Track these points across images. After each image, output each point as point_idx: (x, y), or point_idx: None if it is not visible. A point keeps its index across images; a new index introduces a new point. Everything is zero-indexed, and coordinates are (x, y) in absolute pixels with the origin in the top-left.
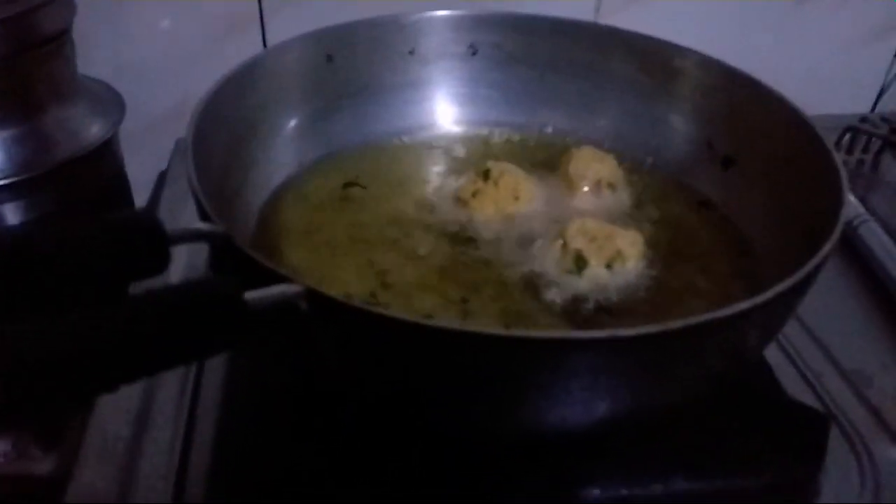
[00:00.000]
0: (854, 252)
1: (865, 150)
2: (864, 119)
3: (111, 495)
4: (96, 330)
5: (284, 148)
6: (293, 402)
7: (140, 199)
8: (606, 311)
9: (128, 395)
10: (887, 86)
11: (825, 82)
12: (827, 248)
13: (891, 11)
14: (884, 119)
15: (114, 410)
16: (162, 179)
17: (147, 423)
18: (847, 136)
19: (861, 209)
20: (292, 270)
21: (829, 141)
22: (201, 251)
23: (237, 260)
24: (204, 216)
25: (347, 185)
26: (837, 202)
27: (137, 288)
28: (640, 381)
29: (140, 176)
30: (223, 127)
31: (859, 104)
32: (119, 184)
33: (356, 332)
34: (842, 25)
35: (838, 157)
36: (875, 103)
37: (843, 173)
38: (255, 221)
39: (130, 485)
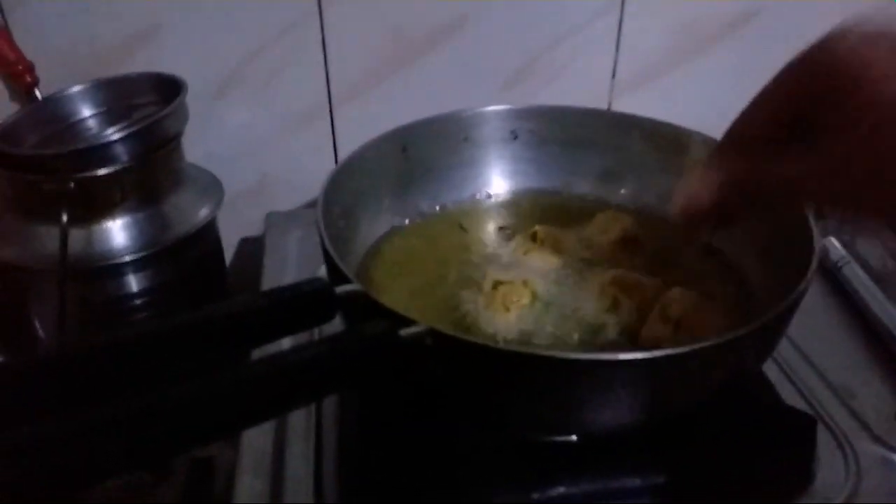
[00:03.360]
0: (839, 288)
1: None
2: None
3: (265, 496)
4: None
5: (375, 222)
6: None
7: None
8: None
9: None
10: None
11: None
12: (801, 287)
13: None
14: None
15: (258, 432)
16: (244, 245)
17: (285, 440)
18: None
19: (843, 252)
20: None
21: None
22: None
23: (372, 310)
24: (342, 279)
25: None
26: (810, 253)
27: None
28: (664, 390)
29: (225, 241)
30: (331, 209)
31: None
32: (216, 253)
33: (468, 361)
34: None
35: (812, 219)
36: None
37: (816, 232)
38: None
39: (280, 489)
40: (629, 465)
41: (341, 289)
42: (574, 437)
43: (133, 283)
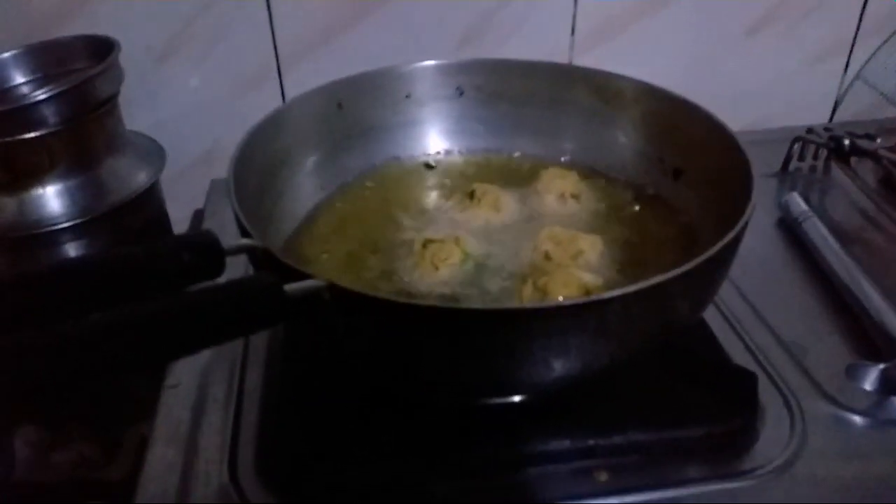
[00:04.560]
0: (800, 244)
1: (815, 157)
2: (809, 130)
3: (177, 466)
4: (175, 309)
5: (306, 179)
6: (320, 381)
7: (178, 231)
8: None
9: (187, 388)
10: (840, 98)
11: (784, 99)
12: (730, 236)
13: (836, 32)
14: (826, 129)
15: (176, 400)
16: (197, 216)
17: (203, 409)
18: (797, 145)
19: (805, 207)
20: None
21: (773, 165)
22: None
23: (273, 265)
24: (245, 234)
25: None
26: (747, 198)
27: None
28: (595, 339)
29: (177, 213)
30: (255, 166)
31: (817, 115)
32: (161, 222)
33: (368, 316)
34: (793, 49)
35: (752, 164)
36: (832, 115)
37: (753, 176)
38: (283, 239)
39: (193, 458)
40: (559, 425)
41: (233, 243)
42: (514, 398)
43: (70, 251)
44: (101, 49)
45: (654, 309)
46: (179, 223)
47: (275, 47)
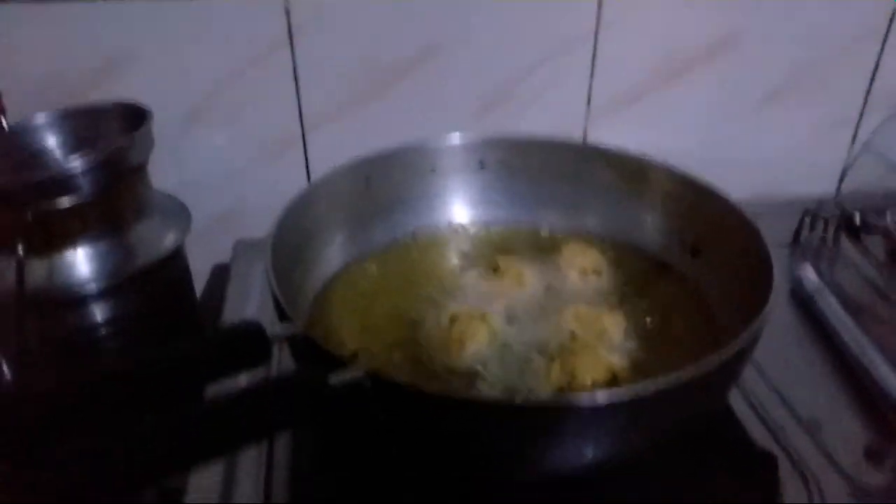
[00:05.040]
0: (814, 319)
1: (825, 230)
2: (820, 205)
3: None
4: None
5: (333, 253)
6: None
7: (197, 285)
8: None
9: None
10: (848, 167)
11: (793, 167)
12: (755, 326)
13: (844, 106)
14: (837, 204)
15: (203, 478)
16: (216, 272)
17: (234, 478)
18: (808, 218)
19: (817, 280)
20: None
21: (784, 237)
22: None
23: (313, 352)
24: (284, 317)
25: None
26: (768, 288)
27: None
28: (623, 431)
29: (196, 267)
30: (287, 244)
31: (826, 183)
32: (185, 281)
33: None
34: (803, 120)
35: (772, 254)
36: (839, 183)
37: (775, 265)
38: (309, 313)
39: None
40: None
41: (275, 330)
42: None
43: (97, 314)
44: (134, 115)
45: (685, 399)
46: (198, 277)
47: (300, 114)
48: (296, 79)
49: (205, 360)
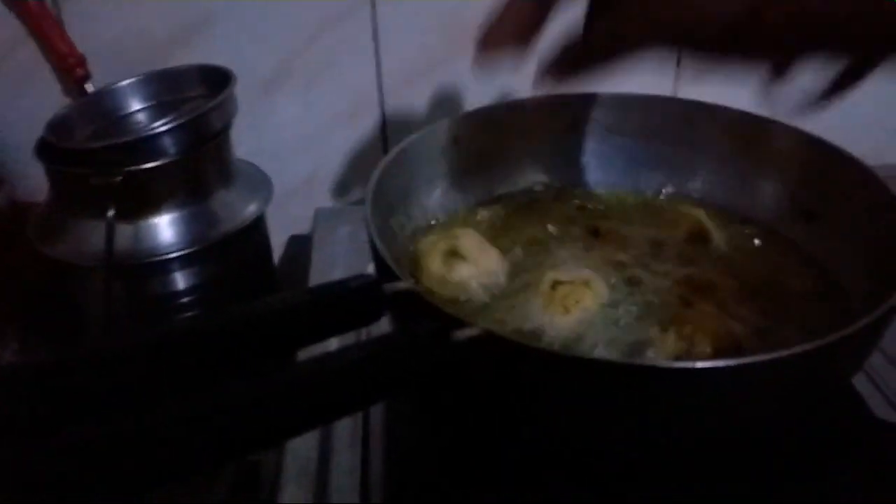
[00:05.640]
0: None
1: None
2: None
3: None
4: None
5: (422, 215)
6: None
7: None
8: None
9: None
10: None
11: None
12: None
13: None
14: None
15: (302, 439)
16: (293, 242)
17: (330, 448)
18: None
19: None
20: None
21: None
22: None
23: (422, 310)
24: (393, 277)
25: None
26: None
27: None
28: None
29: (274, 239)
30: (381, 202)
31: None
32: (265, 250)
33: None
34: None
35: None
36: None
37: None
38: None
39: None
40: (704, 491)
41: (390, 286)
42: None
43: (179, 279)
44: (216, 78)
45: (817, 370)
46: (274, 248)
47: (379, 79)
48: (376, 41)
49: (308, 317)
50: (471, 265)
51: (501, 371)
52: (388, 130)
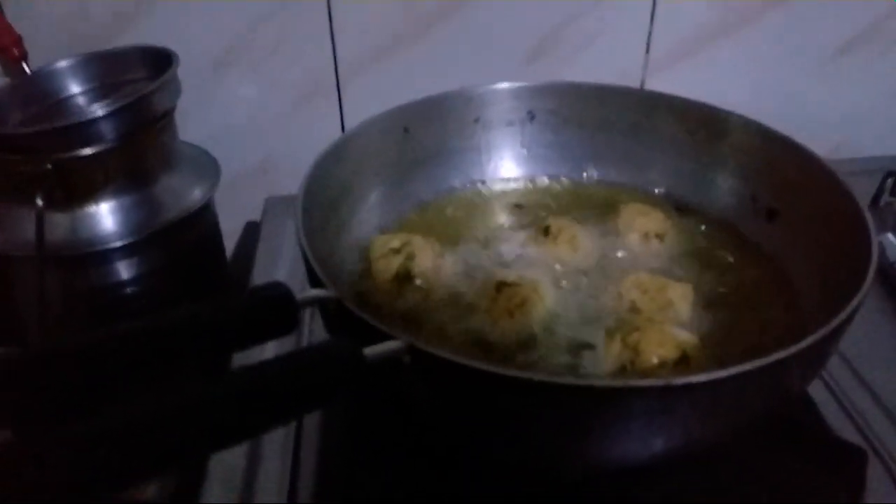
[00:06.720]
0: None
1: None
2: None
3: None
4: (249, 384)
5: (370, 210)
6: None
7: (228, 244)
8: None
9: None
10: None
11: (870, 126)
12: (855, 302)
13: None
14: None
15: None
16: (249, 229)
17: (259, 455)
18: (890, 180)
19: None
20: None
21: (862, 200)
22: None
23: (347, 319)
24: (317, 283)
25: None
26: (867, 258)
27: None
28: (692, 421)
29: (228, 225)
30: (319, 199)
31: None
32: (214, 237)
33: (451, 381)
34: (885, 72)
35: (869, 217)
36: None
37: (873, 233)
38: (346, 279)
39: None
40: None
41: (305, 295)
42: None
43: (122, 271)
44: (159, 60)
45: (769, 384)
46: (229, 235)
47: (335, 59)
48: (330, 20)
49: (224, 326)
50: (417, 266)
51: (424, 383)
52: (345, 115)
